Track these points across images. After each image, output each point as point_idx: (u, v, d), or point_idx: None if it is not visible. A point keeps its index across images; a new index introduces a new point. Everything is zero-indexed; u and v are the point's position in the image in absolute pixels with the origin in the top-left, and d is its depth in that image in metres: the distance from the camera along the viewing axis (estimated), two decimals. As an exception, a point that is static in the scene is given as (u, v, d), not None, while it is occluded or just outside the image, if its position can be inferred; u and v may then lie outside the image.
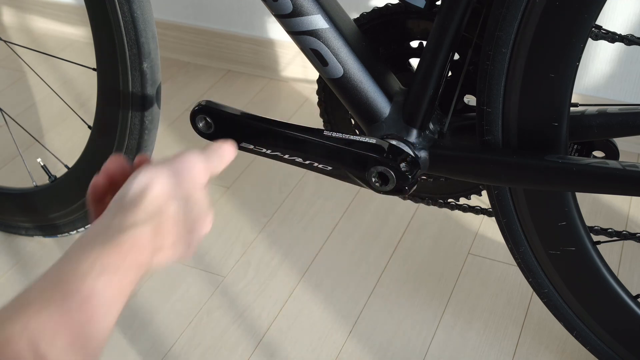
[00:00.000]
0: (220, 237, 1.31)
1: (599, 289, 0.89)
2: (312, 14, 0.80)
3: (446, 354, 1.08)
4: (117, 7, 0.96)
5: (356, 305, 1.16)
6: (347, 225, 1.32)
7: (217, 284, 1.22)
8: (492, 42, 0.74)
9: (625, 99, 1.43)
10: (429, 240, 1.27)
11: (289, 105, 1.66)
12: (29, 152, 1.48)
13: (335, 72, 0.83)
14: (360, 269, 1.23)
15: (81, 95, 1.71)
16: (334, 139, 0.83)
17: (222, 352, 1.10)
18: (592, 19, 0.69)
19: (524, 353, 1.08)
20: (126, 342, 1.12)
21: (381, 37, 0.87)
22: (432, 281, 1.20)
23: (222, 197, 1.40)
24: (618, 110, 0.80)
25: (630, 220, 1.29)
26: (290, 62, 1.72)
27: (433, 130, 0.84)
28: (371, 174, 0.82)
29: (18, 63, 1.80)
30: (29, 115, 1.67)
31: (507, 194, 0.86)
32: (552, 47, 0.72)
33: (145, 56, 1.00)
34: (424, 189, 0.96)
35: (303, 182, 1.42)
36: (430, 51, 0.79)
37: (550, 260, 0.89)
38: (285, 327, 1.14)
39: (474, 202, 1.05)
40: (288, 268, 1.24)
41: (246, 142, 0.86)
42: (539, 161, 0.76)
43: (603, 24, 1.02)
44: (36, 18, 2.01)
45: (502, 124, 0.79)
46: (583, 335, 0.95)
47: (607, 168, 0.73)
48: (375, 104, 0.83)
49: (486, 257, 1.23)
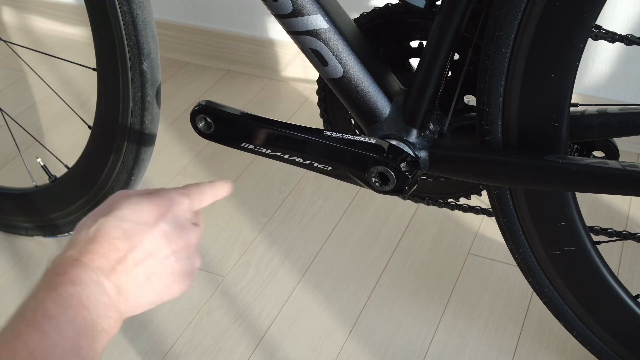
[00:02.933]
0: (220, 237, 1.31)
1: (599, 289, 0.89)
2: (312, 14, 0.80)
3: (446, 354, 1.08)
4: (117, 7, 0.96)
5: (356, 305, 1.16)
6: (347, 225, 1.32)
7: (217, 284, 1.22)
8: (492, 42, 0.74)
9: (625, 99, 1.43)
10: (429, 240, 1.27)
11: (289, 105, 1.66)
12: (29, 152, 1.48)
13: (335, 72, 0.83)
14: (360, 269, 1.23)
15: (81, 95, 1.71)
16: (334, 139, 0.83)
17: (222, 352, 1.10)
18: (592, 19, 0.69)
19: (524, 353, 1.08)
20: (126, 342, 1.12)
21: (381, 37, 0.87)
22: (432, 281, 1.20)
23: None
24: (618, 110, 0.80)
25: (630, 220, 1.29)
26: (290, 62, 1.72)
27: (433, 130, 0.84)
28: (371, 174, 0.82)
29: (18, 63, 1.80)
30: (29, 115, 1.67)
31: (507, 194, 0.86)
32: (552, 47, 0.72)
33: (145, 56, 1.00)
34: (424, 189, 0.96)
35: (303, 182, 1.42)
36: (430, 51, 0.79)
37: (550, 260, 0.89)
38: (285, 327, 1.14)
39: (474, 202, 1.05)
40: (288, 268, 1.24)
41: (246, 142, 0.86)
42: (539, 161, 0.76)
43: (603, 24, 1.02)
44: (36, 18, 2.01)
45: (502, 124, 0.79)
46: (583, 335, 0.95)
47: (607, 168, 0.73)
48: (375, 104, 0.83)
49: (486, 257, 1.23)
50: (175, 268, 0.59)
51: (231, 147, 0.88)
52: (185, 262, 0.61)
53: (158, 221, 0.58)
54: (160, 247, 0.58)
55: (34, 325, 0.49)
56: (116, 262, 0.55)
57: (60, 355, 0.49)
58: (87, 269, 0.53)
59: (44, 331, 0.49)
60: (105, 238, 0.56)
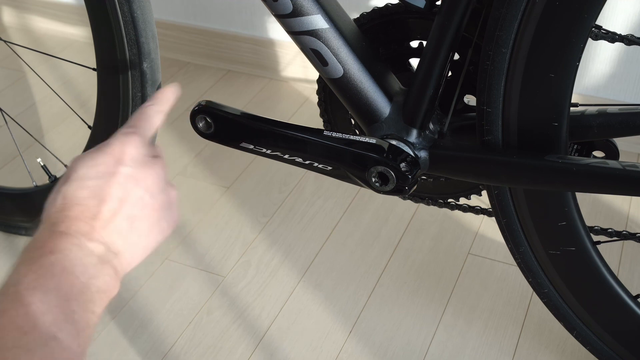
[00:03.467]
0: (220, 237, 1.31)
1: (599, 289, 0.89)
2: (312, 14, 0.80)
3: (446, 354, 1.08)
4: (117, 7, 0.96)
5: (356, 305, 1.16)
6: (347, 225, 1.32)
7: (217, 284, 1.22)
8: (492, 42, 0.74)
9: (625, 99, 1.43)
10: (429, 240, 1.27)
11: (289, 105, 1.66)
12: (29, 152, 1.48)
13: (335, 72, 0.83)
14: (360, 269, 1.23)
15: (81, 95, 1.71)
16: (334, 139, 0.83)
17: (222, 352, 1.10)
18: (592, 19, 0.69)
19: (524, 353, 1.08)
20: (126, 342, 1.12)
21: (381, 37, 0.87)
22: (432, 281, 1.20)
23: (222, 197, 1.40)
24: (618, 110, 0.80)
25: (630, 220, 1.29)
26: (290, 62, 1.72)
27: (433, 130, 0.84)
28: (371, 174, 0.81)
29: (18, 63, 1.80)
30: (29, 115, 1.67)
31: (507, 194, 0.86)
32: (552, 47, 0.72)
33: (145, 56, 1.00)
34: (424, 189, 0.96)
35: (303, 182, 1.42)
36: (430, 51, 0.79)
37: (550, 260, 0.89)
38: (285, 327, 1.14)
39: (474, 202, 1.05)
40: (288, 268, 1.24)
41: (246, 142, 0.86)
42: (539, 161, 0.76)
43: (603, 24, 1.02)
44: (36, 18, 2.01)
45: (502, 124, 0.79)
46: (583, 335, 0.95)
47: (607, 168, 0.73)
48: (375, 104, 0.83)
49: (486, 257, 1.23)
50: (153, 205, 0.58)
51: (231, 147, 0.88)
52: (161, 196, 0.59)
53: (117, 167, 0.57)
54: (130, 190, 0.57)
55: (18, 300, 0.48)
56: (92, 220, 0.54)
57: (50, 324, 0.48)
58: (65, 236, 0.53)
59: (29, 303, 0.48)
60: (73, 202, 0.55)
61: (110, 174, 0.57)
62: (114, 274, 0.54)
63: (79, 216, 0.54)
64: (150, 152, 0.61)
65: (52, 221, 0.54)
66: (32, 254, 0.52)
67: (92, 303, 0.51)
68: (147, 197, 0.58)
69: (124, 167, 0.57)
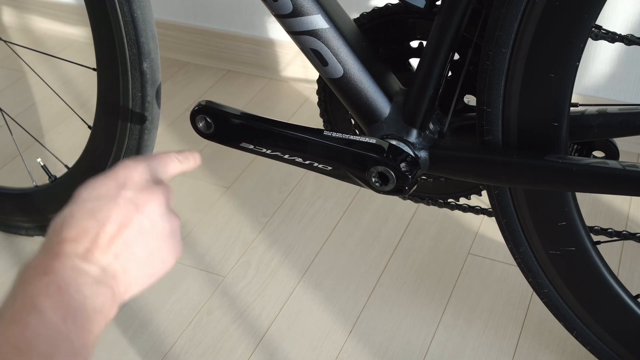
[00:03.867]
0: (220, 237, 1.31)
1: (599, 289, 0.89)
2: (312, 14, 0.80)
3: (446, 354, 1.08)
4: (117, 7, 0.96)
5: (356, 305, 1.16)
6: (347, 225, 1.32)
7: (217, 284, 1.22)
8: (492, 42, 0.74)
9: (625, 99, 1.43)
10: (429, 240, 1.27)
11: (289, 105, 1.66)
12: (29, 152, 1.48)
13: (335, 72, 0.83)
14: (360, 269, 1.23)
15: (81, 95, 1.71)
16: (334, 139, 0.83)
17: (222, 352, 1.10)
18: (592, 19, 0.69)
19: (524, 353, 1.08)
20: (126, 342, 1.12)
21: (381, 37, 0.87)
22: (432, 281, 1.20)
23: (222, 197, 1.40)
24: (618, 110, 0.80)
25: (630, 220, 1.29)
26: (290, 62, 1.72)
27: (433, 130, 0.84)
28: (371, 174, 0.82)
29: (18, 63, 1.80)
30: (29, 115, 1.67)
31: (507, 194, 0.86)
32: (552, 47, 0.72)
33: (145, 56, 1.00)
34: (424, 189, 0.96)
35: (303, 182, 1.42)
36: (430, 51, 0.79)
37: (550, 260, 0.89)
38: (285, 327, 1.14)
39: (474, 202, 1.05)
40: (288, 268, 1.24)
41: (246, 142, 0.86)
42: (539, 161, 0.76)
43: (603, 24, 1.02)
44: (36, 18, 2.01)
45: (502, 124, 0.79)
46: (583, 335, 0.95)
47: (607, 168, 0.73)
48: (375, 104, 0.83)
49: (486, 257, 1.23)
50: (153, 231, 0.57)
51: (231, 147, 0.88)
52: (162, 223, 0.58)
53: (119, 191, 0.57)
54: (130, 214, 0.56)
55: (14, 321, 0.48)
56: (90, 243, 0.54)
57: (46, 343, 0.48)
58: (60, 257, 0.52)
59: (25, 323, 0.48)
60: (72, 224, 0.54)
61: (112, 197, 0.56)
62: (110, 295, 0.53)
63: (76, 238, 0.54)
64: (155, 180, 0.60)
65: (50, 242, 0.54)
66: (27, 275, 0.51)
67: (88, 322, 0.51)
68: (147, 222, 0.57)
69: (125, 190, 0.57)
